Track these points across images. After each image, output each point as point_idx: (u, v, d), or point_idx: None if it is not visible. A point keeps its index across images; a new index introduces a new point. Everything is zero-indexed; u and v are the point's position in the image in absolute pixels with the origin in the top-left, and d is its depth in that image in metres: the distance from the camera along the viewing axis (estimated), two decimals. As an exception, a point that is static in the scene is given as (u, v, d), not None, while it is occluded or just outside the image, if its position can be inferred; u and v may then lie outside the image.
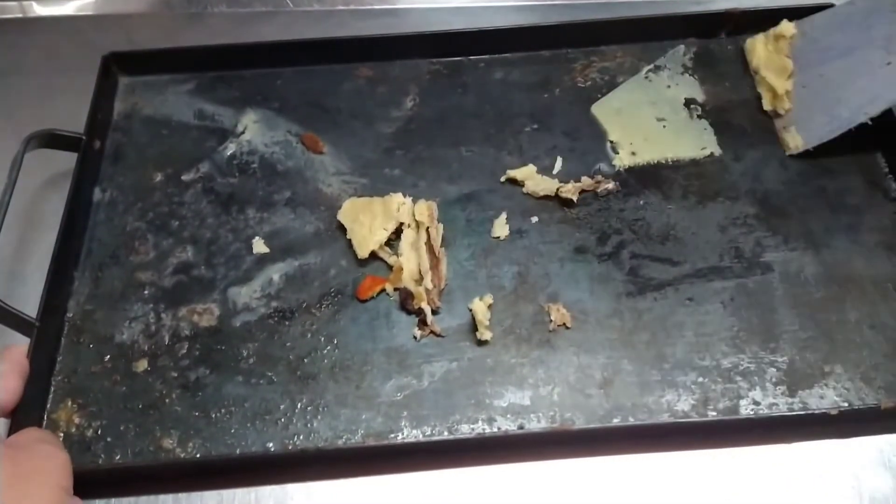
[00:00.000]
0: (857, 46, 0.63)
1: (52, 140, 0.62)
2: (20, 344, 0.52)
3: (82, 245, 0.60)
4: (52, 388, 0.53)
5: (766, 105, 0.67)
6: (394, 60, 0.73)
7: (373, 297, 0.57)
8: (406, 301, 0.56)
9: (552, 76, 0.71)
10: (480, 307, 0.55)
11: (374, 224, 0.60)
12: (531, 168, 0.63)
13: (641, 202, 0.62)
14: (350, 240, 0.60)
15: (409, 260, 0.58)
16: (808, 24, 0.66)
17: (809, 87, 0.65)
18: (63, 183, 0.62)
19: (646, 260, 0.59)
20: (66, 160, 0.63)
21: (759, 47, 0.69)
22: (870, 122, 0.60)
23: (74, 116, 0.65)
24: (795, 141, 0.64)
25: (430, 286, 0.56)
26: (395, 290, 0.57)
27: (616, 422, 0.51)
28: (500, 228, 0.61)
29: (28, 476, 0.42)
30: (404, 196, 0.61)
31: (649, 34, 0.73)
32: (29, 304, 0.54)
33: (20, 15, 0.81)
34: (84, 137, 0.63)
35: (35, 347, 0.52)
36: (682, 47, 0.73)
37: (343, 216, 0.61)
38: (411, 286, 0.57)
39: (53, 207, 0.62)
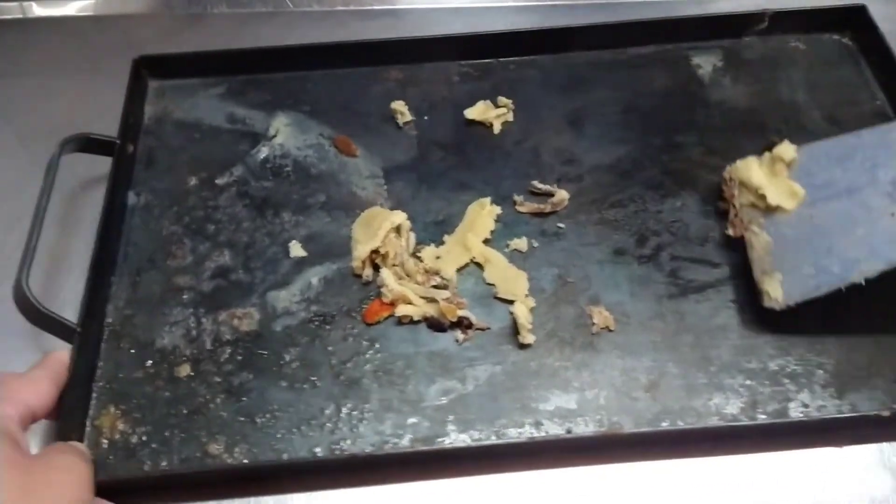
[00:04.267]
0: (858, 188, 0.54)
1: (87, 144, 0.61)
2: (60, 350, 0.51)
3: (118, 250, 0.60)
4: (94, 395, 0.53)
5: (735, 231, 0.58)
6: (423, 63, 0.73)
7: (380, 322, 0.56)
8: (438, 325, 0.56)
9: (585, 78, 0.71)
10: (522, 310, 0.55)
11: (366, 239, 0.59)
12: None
13: (679, 204, 0.62)
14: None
15: (400, 294, 0.56)
16: (805, 153, 0.57)
17: (797, 227, 0.55)
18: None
19: (686, 262, 0.59)
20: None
21: (754, 168, 0.58)
22: (863, 283, 0.51)
23: (75, 118, 0.66)
24: (775, 291, 0.53)
25: (445, 296, 0.56)
26: (415, 320, 0.56)
27: (665, 425, 0.51)
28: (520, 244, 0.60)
29: (39, 490, 0.40)
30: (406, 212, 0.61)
31: (681, 35, 0.73)
32: (66, 309, 0.54)
33: (20, 16, 0.81)
34: (118, 141, 0.62)
35: (77, 353, 0.51)
36: (714, 48, 0.72)
37: (355, 226, 0.61)
38: (428, 311, 0.56)
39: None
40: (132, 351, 0.55)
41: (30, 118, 0.71)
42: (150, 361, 0.54)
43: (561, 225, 0.61)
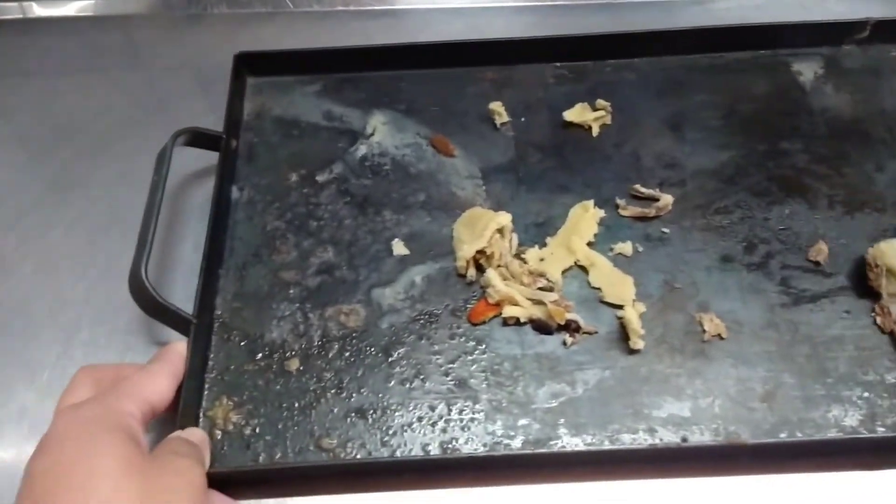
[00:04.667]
0: None
1: (196, 138, 0.62)
2: (178, 342, 0.52)
3: (225, 243, 0.60)
4: (207, 386, 0.53)
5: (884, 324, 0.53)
6: (517, 64, 0.72)
7: (485, 322, 0.56)
8: (545, 327, 0.55)
9: (682, 82, 0.70)
10: (633, 315, 0.54)
11: (470, 239, 0.59)
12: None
13: (787, 211, 0.61)
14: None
15: (507, 295, 0.56)
16: None
17: None
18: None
19: (797, 271, 0.58)
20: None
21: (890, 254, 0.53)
22: None
23: (75, 119, 0.69)
24: None
25: (553, 298, 0.55)
26: (521, 321, 0.56)
27: (783, 436, 0.50)
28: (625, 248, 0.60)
29: (155, 495, 0.40)
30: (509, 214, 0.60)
31: (779, 41, 0.72)
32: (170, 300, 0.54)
33: (20, 16, 0.81)
34: (224, 136, 0.63)
35: (193, 345, 0.52)
36: (815, 56, 0.71)
37: (458, 226, 0.61)
38: (535, 313, 0.56)
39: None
40: (242, 344, 0.55)
41: (29, 118, 0.72)
42: (259, 354, 0.55)
43: (665, 230, 0.61)
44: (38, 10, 0.82)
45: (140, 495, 0.39)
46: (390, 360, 0.54)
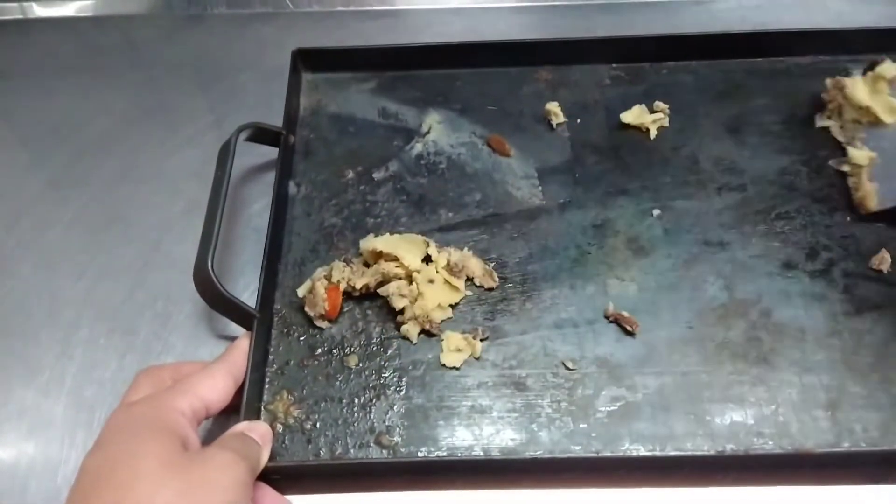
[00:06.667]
0: None
1: (257, 133, 0.62)
2: (240, 338, 0.52)
3: (283, 238, 0.60)
4: (267, 380, 0.53)
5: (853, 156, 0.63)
6: (573, 65, 0.72)
7: None
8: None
9: (741, 85, 0.69)
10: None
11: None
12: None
13: (848, 218, 0.60)
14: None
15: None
16: None
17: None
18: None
19: (860, 279, 0.57)
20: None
21: (860, 88, 0.64)
22: None
23: (74, 119, 0.69)
24: (871, 196, 0.60)
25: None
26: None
27: (847, 446, 0.49)
28: None
29: (195, 491, 0.39)
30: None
31: (839, 47, 0.71)
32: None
33: (20, 16, 0.82)
34: (283, 132, 0.63)
35: (255, 339, 0.52)
36: (884, 62, 0.70)
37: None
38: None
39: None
40: (301, 339, 0.55)
41: (29, 118, 0.72)
42: (318, 350, 0.55)
43: (725, 235, 0.60)
44: (38, 11, 0.82)
45: (178, 492, 0.39)
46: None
